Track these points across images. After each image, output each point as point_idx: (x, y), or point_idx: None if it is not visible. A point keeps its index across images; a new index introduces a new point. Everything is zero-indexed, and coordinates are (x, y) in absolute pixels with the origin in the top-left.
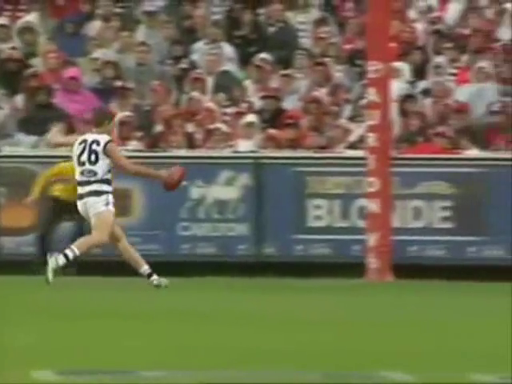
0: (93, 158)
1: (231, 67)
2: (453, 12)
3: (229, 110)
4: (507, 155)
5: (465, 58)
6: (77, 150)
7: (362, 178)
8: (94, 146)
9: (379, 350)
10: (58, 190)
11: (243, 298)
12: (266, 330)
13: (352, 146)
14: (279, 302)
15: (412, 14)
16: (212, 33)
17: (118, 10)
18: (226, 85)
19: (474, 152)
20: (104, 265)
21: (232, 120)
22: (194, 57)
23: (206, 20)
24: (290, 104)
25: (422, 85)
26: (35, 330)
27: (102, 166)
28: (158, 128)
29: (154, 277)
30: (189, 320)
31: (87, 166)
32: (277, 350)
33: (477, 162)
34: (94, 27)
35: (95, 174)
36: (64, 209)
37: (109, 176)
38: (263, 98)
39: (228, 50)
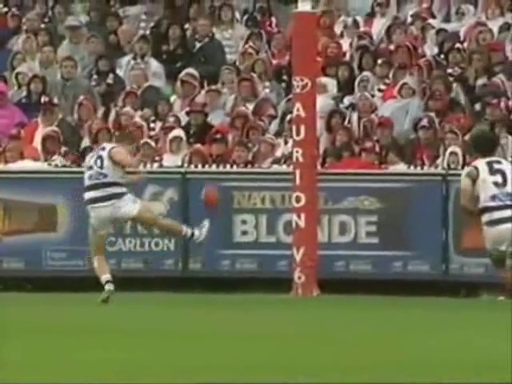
0: (99, 163)
1: (158, 82)
2: (378, 28)
3: (155, 125)
4: (431, 170)
5: (390, 73)
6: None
7: (288, 192)
8: (101, 152)
9: (290, 362)
10: None
11: (170, 313)
12: (189, 345)
13: (278, 161)
14: (204, 316)
15: (338, 29)
16: (138, 48)
17: (43, 26)
18: (152, 100)
19: (399, 167)
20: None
21: (159, 135)
22: (120, 72)
23: (132, 35)
24: (217, 119)
25: (348, 100)
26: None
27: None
28: (85, 142)
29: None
30: (117, 335)
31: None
32: (200, 365)
33: (401, 177)
34: (20, 42)
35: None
36: None
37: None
38: (190, 112)
39: (154, 64)
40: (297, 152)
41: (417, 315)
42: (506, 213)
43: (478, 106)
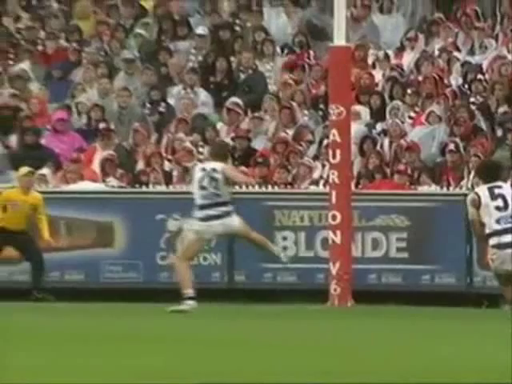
0: (214, 183)
1: (206, 110)
2: (408, 60)
3: (204, 150)
4: (456, 191)
5: (419, 102)
6: (197, 176)
7: (325, 211)
8: (214, 173)
9: (327, 368)
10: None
11: (216, 322)
12: (232, 352)
13: (316, 183)
14: (248, 326)
15: (370, 61)
16: (188, 79)
17: (101, 59)
18: (201, 126)
19: (427, 188)
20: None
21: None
22: (171, 101)
23: (182, 67)
24: (260, 144)
25: (380, 126)
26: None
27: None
28: (139, 166)
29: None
30: (166, 342)
31: (210, 190)
32: (242, 369)
33: (429, 197)
34: (80, 73)
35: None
36: (8, 238)
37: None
38: (235, 138)
39: (203, 94)
40: (333, 174)
41: (443, 324)
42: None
43: (499, 132)
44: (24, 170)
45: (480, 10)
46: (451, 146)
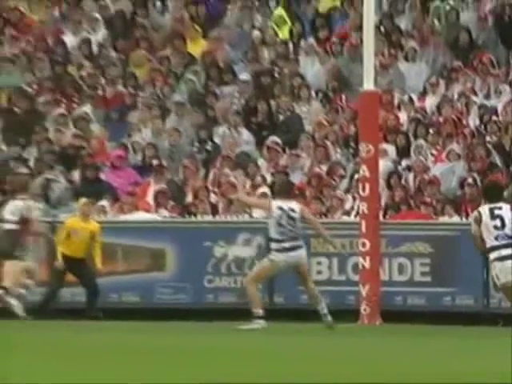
0: (291, 222)
1: (248, 148)
2: (430, 103)
3: (246, 184)
4: None
5: (440, 141)
6: (276, 213)
7: (355, 239)
8: (292, 213)
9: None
10: (64, 247)
11: (259, 338)
12: (278, 365)
13: (347, 213)
14: (286, 342)
15: (396, 104)
16: (232, 120)
17: (154, 102)
18: (243, 163)
19: (447, 218)
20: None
21: (248, 192)
22: (217, 140)
23: (227, 109)
24: (297, 178)
25: (405, 162)
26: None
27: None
28: (188, 198)
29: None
30: (213, 356)
31: (288, 227)
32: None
33: (450, 227)
34: (136, 115)
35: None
36: (71, 265)
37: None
38: (274, 173)
39: (245, 134)
40: (362, 205)
41: (463, 341)
42: (510, 250)
43: None
44: (84, 199)
45: (495, 58)
46: (469, 181)
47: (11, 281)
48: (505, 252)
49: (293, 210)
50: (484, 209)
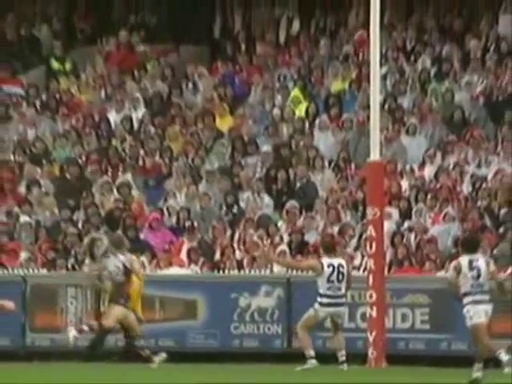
0: (340, 277)
1: (269, 211)
2: (428, 172)
3: (267, 243)
4: None
5: (437, 205)
6: (327, 271)
7: (363, 291)
8: (341, 269)
9: None
10: None
11: (281, 381)
12: None
13: (357, 268)
14: (306, 382)
15: (399, 173)
16: (255, 186)
17: (187, 171)
18: (265, 224)
19: (444, 273)
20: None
21: (269, 249)
22: (242, 204)
23: (251, 177)
24: (312, 238)
25: (407, 224)
26: None
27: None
28: (217, 255)
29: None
30: None
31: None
32: None
33: (446, 281)
34: (171, 182)
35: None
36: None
37: None
38: (292, 233)
39: (266, 198)
40: (370, 262)
41: (458, 382)
42: (483, 297)
43: (501, 229)
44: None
45: (485, 133)
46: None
47: (111, 323)
48: (478, 298)
49: (342, 266)
50: (464, 260)
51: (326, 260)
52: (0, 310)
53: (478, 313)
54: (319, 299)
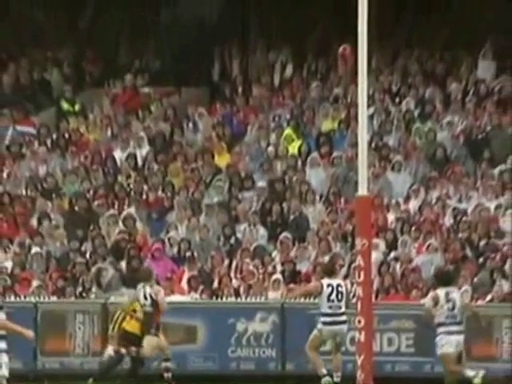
0: (340, 296)
1: (263, 242)
2: (413, 206)
3: (262, 271)
4: None
5: (421, 237)
6: (326, 291)
7: (352, 317)
8: (340, 289)
9: None
10: (126, 325)
11: None
12: None
13: None
14: None
15: (385, 206)
16: (251, 219)
17: (188, 204)
18: (260, 254)
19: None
20: None
21: (264, 278)
22: (239, 235)
23: (247, 210)
24: (304, 267)
25: (393, 254)
26: None
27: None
28: (215, 283)
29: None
30: None
31: (336, 303)
32: None
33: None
34: (173, 215)
35: (341, 308)
36: (129, 339)
37: None
38: (285, 262)
39: (262, 230)
40: (358, 289)
41: None
42: (456, 328)
43: (481, 259)
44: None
45: (465, 170)
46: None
47: (148, 352)
48: (451, 329)
49: (340, 286)
50: (441, 291)
51: (325, 281)
52: (18, 335)
53: (449, 343)
54: (322, 319)
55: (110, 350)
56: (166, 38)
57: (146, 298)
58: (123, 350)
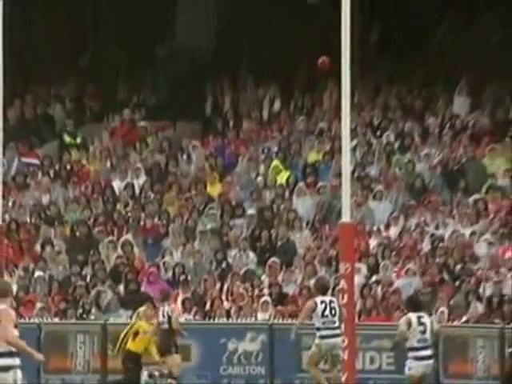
0: (333, 312)
1: (253, 266)
2: (393, 232)
3: (252, 294)
4: None
5: (400, 261)
6: (320, 307)
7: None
8: (333, 304)
9: None
10: (131, 345)
11: None
12: None
13: None
14: None
15: (367, 233)
16: (242, 245)
17: (182, 231)
18: (250, 277)
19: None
20: None
21: (254, 300)
22: (230, 260)
23: (238, 237)
24: (291, 289)
25: (375, 278)
26: None
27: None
28: (208, 305)
29: None
30: None
31: (330, 318)
32: None
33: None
34: (168, 241)
35: (335, 322)
36: (134, 359)
37: None
38: (272, 285)
39: (251, 255)
40: (342, 311)
41: None
42: (427, 352)
43: (457, 283)
44: (146, 306)
45: (442, 199)
46: (423, 292)
47: (178, 371)
48: (422, 354)
49: (333, 302)
50: (413, 316)
51: (318, 298)
52: (29, 355)
53: (417, 367)
54: (318, 333)
55: (145, 376)
56: (161, 75)
57: (163, 316)
58: (156, 373)
